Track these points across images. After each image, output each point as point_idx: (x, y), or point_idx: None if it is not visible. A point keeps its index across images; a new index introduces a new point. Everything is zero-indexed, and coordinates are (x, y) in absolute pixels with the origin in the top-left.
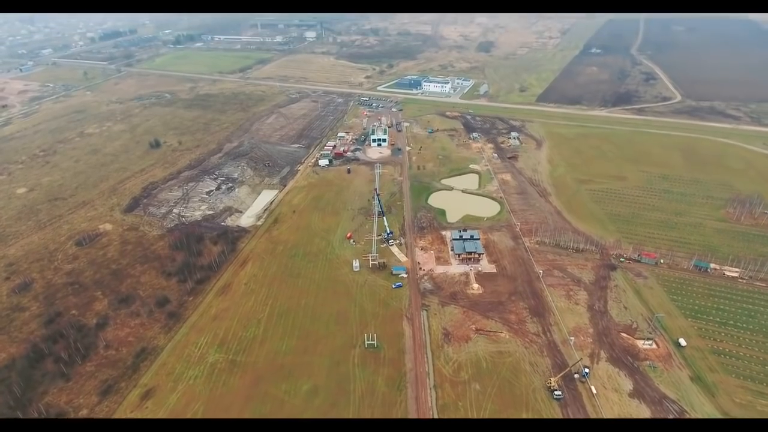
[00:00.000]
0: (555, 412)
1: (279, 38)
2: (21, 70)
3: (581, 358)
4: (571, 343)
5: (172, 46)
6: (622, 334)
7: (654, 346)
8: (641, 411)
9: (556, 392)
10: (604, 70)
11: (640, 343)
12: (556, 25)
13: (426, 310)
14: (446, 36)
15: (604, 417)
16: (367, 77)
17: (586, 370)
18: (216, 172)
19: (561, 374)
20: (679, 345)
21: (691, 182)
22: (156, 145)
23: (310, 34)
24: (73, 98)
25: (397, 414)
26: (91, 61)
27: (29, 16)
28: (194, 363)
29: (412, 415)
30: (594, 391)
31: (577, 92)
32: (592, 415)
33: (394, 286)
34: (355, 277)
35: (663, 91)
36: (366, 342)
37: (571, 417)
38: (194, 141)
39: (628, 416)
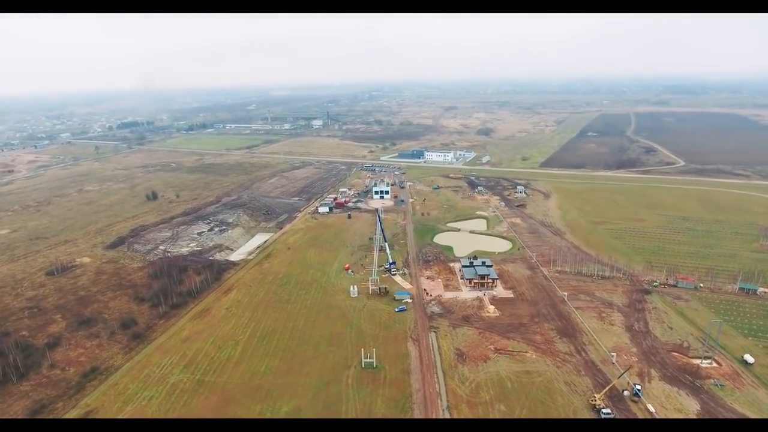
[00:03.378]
0: None
1: (287, 126)
2: (36, 146)
3: (630, 366)
4: (613, 359)
5: (184, 131)
6: (673, 353)
7: (714, 364)
8: None
9: (604, 410)
10: (603, 146)
11: (697, 362)
12: (551, 117)
13: (434, 331)
14: (446, 125)
15: None
16: (371, 152)
17: (638, 387)
18: (210, 218)
19: (607, 388)
20: (745, 362)
21: (714, 222)
22: (153, 197)
23: (317, 122)
24: (80, 166)
25: None
26: (105, 141)
27: (57, 114)
28: (153, 383)
29: None
30: (652, 410)
31: (579, 160)
32: None
33: (396, 310)
34: (352, 302)
35: (665, 159)
36: (363, 361)
37: None
38: (192, 195)
39: None
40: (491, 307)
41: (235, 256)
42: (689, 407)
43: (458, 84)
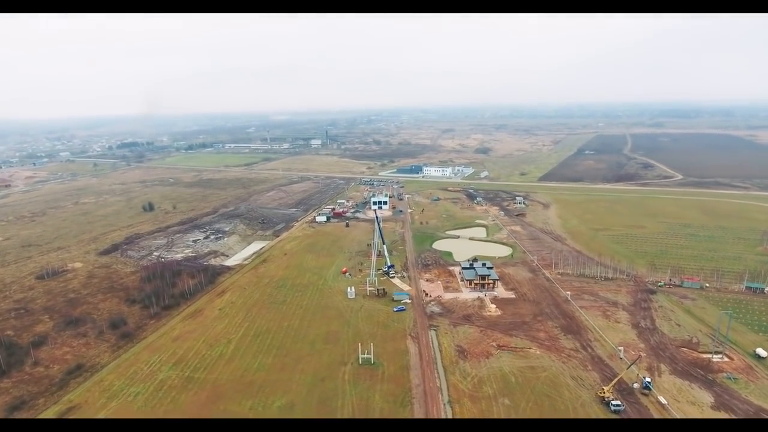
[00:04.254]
0: None
1: (286, 145)
2: (35, 164)
3: (639, 357)
4: (621, 354)
5: (184, 151)
6: (682, 348)
7: (725, 358)
8: None
9: (613, 402)
10: (600, 162)
11: (707, 357)
12: (548, 138)
13: (434, 329)
14: (444, 145)
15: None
16: (369, 168)
17: (648, 379)
18: (206, 227)
19: (615, 380)
20: (758, 357)
21: (716, 228)
22: (149, 208)
23: (316, 141)
24: (77, 182)
25: None
26: (105, 159)
27: (58, 136)
28: (140, 380)
29: None
30: (664, 402)
31: (577, 175)
32: None
33: (395, 310)
34: (349, 303)
35: (663, 173)
36: (360, 357)
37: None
38: (190, 207)
39: None
40: (492, 306)
41: (230, 262)
42: (702, 400)
43: (456, 109)
